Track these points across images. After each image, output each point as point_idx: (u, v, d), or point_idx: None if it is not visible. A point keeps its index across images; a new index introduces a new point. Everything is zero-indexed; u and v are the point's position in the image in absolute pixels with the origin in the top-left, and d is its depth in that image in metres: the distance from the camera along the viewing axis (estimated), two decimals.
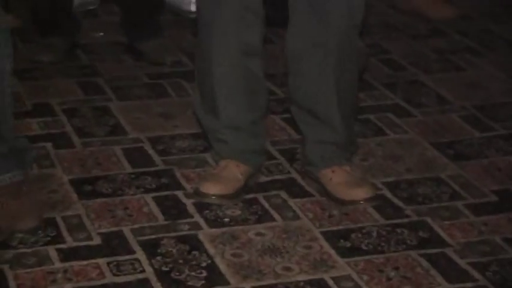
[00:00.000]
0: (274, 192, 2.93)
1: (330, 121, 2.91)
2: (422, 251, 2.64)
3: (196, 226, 2.76)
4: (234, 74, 2.88)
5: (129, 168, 3.07)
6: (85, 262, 2.58)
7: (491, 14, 4.46)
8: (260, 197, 2.91)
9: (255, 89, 2.93)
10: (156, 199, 2.89)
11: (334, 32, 2.82)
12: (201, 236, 2.71)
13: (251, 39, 2.85)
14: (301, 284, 2.50)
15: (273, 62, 3.43)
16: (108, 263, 2.57)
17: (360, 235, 2.72)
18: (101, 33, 4.00)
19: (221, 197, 2.87)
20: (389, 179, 3.00)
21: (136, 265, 2.57)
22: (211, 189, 2.88)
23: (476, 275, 2.53)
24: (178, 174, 3.03)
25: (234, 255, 2.62)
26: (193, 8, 3.99)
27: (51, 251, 2.62)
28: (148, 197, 2.90)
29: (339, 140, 2.93)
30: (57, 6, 3.82)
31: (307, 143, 2.97)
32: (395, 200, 2.90)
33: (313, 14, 2.82)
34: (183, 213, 2.83)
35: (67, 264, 2.56)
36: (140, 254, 2.61)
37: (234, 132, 2.92)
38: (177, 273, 2.53)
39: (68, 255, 2.61)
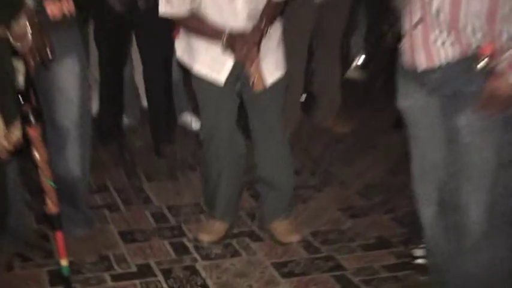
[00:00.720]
0: (241, 239, 2.92)
1: (283, 189, 2.86)
2: (331, 273, 2.67)
3: (195, 259, 2.77)
4: (230, 171, 2.80)
5: (154, 224, 3.05)
6: (127, 282, 2.60)
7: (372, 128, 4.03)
8: (233, 241, 2.91)
9: (239, 178, 2.88)
10: (170, 243, 2.90)
11: (279, 129, 2.79)
12: (197, 266, 2.73)
13: (239, 148, 2.81)
14: None
15: None
16: (141, 283, 2.60)
17: (294, 264, 2.74)
18: (140, 143, 3.86)
19: (210, 242, 2.88)
20: (312, 230, 2.99)
21: (158, 284, 2.60)
22: (205, 238, 2.90)
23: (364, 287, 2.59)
24: (184, 228, 3.02)
25: (217, 277, 2.65)
26: (193, 127, 3.92)
27: (106, 275, 2.65)
28: (166, 242, 2.91)
29: (286, 201, 2.88)
30: (113, 124, 3.80)
31: (264, 206, 2.93)
32: (315, 243, 2.90)
33: (262, 121, 2.76)
34: (187, 251, 2.83)
35: (116, 284, 2.59)
36: (160, 277, 2.64)
37: (223, 205, 2.89)
38: None
39: (116, 278, 2.63)
